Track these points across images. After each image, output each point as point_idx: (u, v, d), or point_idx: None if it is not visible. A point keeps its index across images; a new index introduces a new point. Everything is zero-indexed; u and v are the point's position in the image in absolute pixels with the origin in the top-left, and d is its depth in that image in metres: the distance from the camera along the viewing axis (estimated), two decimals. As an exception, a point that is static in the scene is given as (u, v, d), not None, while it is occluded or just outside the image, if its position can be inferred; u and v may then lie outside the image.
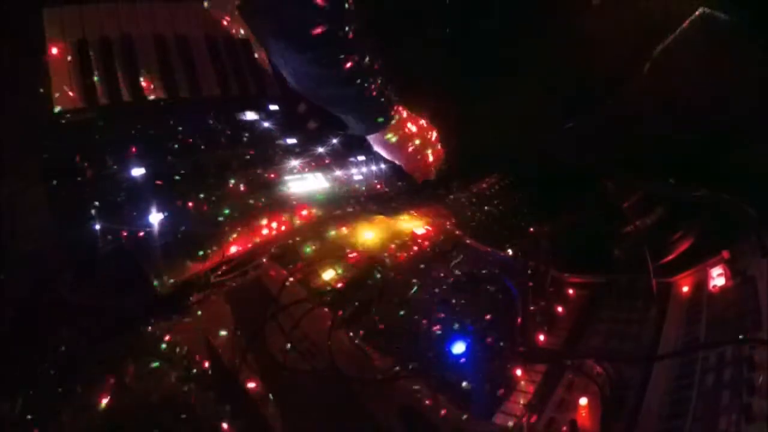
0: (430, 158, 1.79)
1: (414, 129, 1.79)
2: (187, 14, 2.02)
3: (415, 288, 1.41)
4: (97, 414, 1.06)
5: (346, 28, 1.43)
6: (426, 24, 2.00)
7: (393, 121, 1.69)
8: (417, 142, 1.79)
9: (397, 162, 1.82)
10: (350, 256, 1.56)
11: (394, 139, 1.75)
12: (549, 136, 2.11)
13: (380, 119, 1.62)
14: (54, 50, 1.70)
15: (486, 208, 2.04)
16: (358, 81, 1.53)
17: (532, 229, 1.90)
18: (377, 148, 1.76)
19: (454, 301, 1.36)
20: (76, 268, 1.32)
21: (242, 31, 2.08)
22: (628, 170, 1.91)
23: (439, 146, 1.88)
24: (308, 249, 1.55)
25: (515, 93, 2.10)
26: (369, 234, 1.71)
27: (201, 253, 1.52)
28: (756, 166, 1.69)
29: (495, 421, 1.05)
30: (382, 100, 1.62)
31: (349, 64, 1.47)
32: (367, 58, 1.52)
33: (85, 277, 1.33)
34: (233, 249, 1.61)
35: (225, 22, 2.05)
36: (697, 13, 1.85)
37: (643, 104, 1.97)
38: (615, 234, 1.76)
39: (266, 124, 1.81)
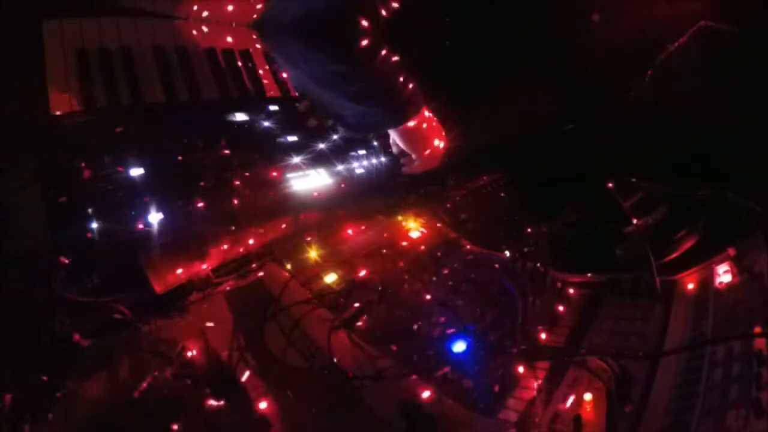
0: (441, 145, 1.77)
1: (429, 115, 1.77)
2: (188, 30, 2.05)
3: (415, 290, 1.40)
4: (91, 410, 1.05)
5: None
6: (426, 36, 2.01)
7: (420, 109, 1.66)
8: (434, 124, 1.76)
9: (412, 151, 1.78)
10: (351, 257, 1.55)
11: (418, 127, 1.70)
12: (549, 136, 2.11)
13: (410, 107, 1.58)
14: (53, 57, 1.71)
15: (483, 208, 2.04)
16: (390, 70, 1.51)
17: (529, 230, 1.89)
18: (398, 138, 1.73)
19: (453, 302, 1.35)
20: (72, 266, 1.31)
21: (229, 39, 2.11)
22: (628, 170, 1.90)
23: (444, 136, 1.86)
24: (310, 250, 1.54)
25: (515, 93, 2.10)
26: (370, 235, 1.70)
27: (201, 253, 1.50)
28: (757, 165, 1.68)
29: (499, 417, 1.03)
30: (412, 86, 1.59)
31: (382, 54, 1.45)
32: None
33: (81, 276, 1.31)
34: (234, 249, 1.59)
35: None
36: (697, 25, 1.86)
37: (644, 107, 1.97)
38: (616, 233, 1.74)
39: (266, 124, 1.82)
